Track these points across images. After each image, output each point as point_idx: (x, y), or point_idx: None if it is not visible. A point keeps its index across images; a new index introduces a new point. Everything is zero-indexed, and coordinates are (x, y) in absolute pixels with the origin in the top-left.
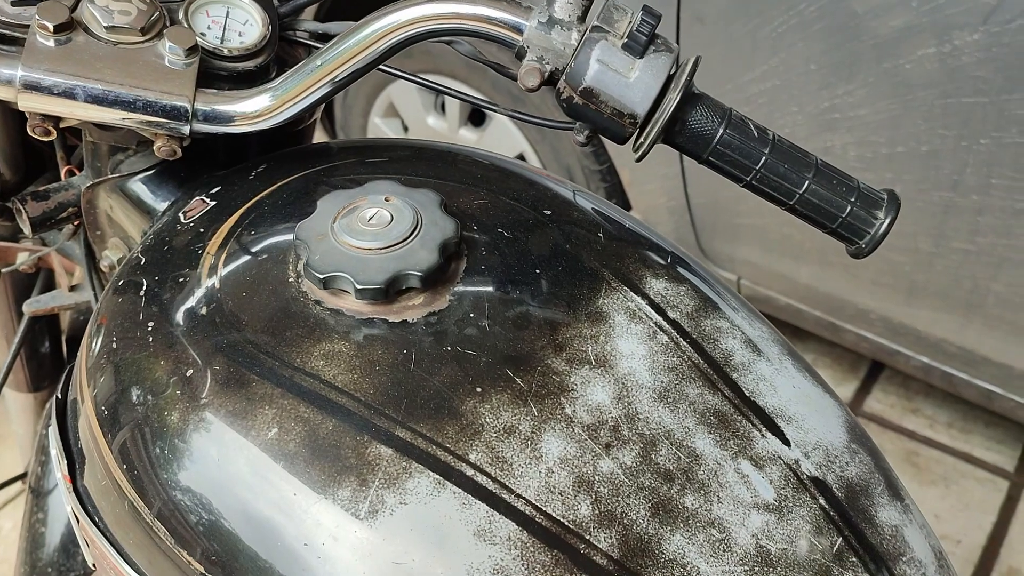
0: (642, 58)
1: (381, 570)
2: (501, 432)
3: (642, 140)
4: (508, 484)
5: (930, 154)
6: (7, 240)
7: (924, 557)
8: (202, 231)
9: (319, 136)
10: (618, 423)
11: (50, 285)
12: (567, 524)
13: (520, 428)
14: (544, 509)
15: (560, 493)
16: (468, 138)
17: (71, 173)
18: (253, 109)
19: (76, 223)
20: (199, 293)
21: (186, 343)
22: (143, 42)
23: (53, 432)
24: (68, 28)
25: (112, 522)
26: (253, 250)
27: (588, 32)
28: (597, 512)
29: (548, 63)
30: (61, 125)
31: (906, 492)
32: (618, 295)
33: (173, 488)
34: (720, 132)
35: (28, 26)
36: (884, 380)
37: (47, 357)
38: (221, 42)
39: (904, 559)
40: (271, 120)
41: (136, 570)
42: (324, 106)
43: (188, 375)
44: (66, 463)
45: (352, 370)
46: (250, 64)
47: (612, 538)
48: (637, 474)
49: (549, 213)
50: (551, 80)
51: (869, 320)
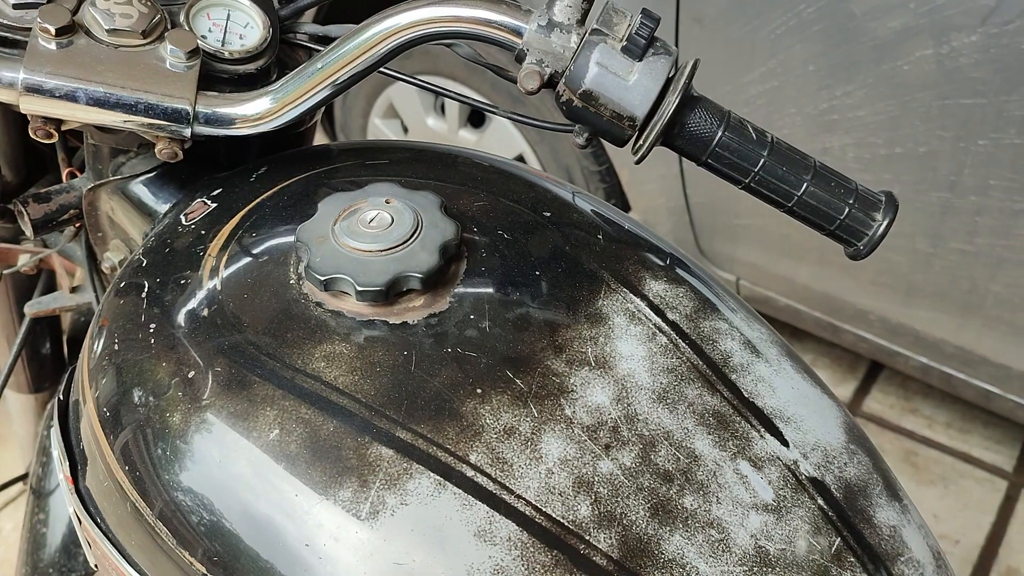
0: (641, 61)
1: (382, 570)
2: (501, 433)
3: (641, 143)
4: (508, 485)
5: (928, 155)
6: (8, 242)
7: (922, 557)
8: (203, 233)
9: (319, 137)
10: (617, 424)
11: (51, 287)
12: (567, 525)
13: (520, 429)
14: (544, 510)
15: (560, 494)
16: (467, 139)
17: (72, 175)
18: (254, 112)
19: (77, 225)
20: (200, 295)
21: (188, 345)
22: (144, 45)
23: (55, 433)
24: (70, 31)
25: (114, 523)
26: (254, 252)
27: (587, 35)
28: (597, 512)
29: (548, 66)
30: (63, 127)
31: (904, 492)
32: (617, 297)
33: (175, 489)
34: (719, 134)
35: (30, 29)
36: (883, 380)
37: (48, 358)
38: (222, 45)
39: (902, 559)
40: (272, 122)
41: (138, 571)
42: (324, 108)
43: (190, 376)
44: (68, 464)
45: (353, 371)
46: (251, 67)
47: (612, 538)
48: (636, 475)
49: (549, 215)
50: (551, 83)
51: (868, 321)
